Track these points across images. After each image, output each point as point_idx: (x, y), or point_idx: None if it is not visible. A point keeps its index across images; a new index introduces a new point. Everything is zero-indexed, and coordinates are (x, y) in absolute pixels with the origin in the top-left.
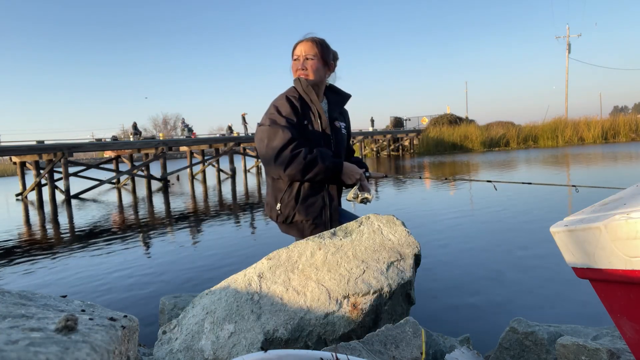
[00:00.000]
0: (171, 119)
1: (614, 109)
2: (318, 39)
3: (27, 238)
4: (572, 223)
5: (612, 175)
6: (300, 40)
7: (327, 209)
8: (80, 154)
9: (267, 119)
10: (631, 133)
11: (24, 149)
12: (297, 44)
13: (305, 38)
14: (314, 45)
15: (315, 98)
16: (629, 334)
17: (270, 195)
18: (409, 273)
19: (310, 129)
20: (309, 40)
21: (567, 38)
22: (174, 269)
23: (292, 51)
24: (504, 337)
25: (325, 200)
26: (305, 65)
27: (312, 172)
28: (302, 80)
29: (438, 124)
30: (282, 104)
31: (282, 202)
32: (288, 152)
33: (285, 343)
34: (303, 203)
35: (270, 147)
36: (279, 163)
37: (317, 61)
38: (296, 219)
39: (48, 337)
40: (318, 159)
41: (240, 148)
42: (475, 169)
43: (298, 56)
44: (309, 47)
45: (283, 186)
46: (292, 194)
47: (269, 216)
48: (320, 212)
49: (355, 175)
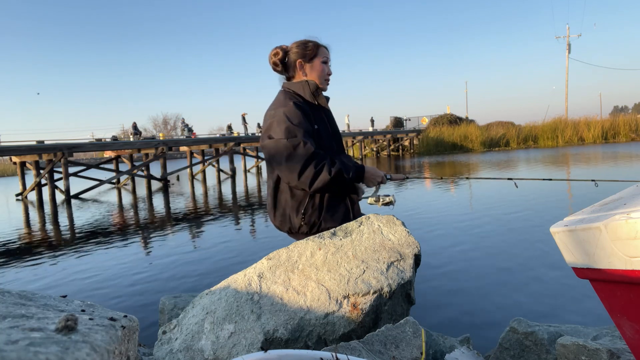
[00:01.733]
0: (171, 119)
1: (614, 109)
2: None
3: (27, 238)
4: (572, 223)
5: (628, 171)
6: (324, 45)
7: (350, 213)
8: (80, 154)
9: (280, 131)
10: (631, 133)
11: (24, 149)
12: (324, 46)
13: (326, 45)
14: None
15: (324, 101)
16: (629, 334)
17: (287, 207)
18: (409, 273)
19: (322, 132)
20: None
21: (567, 38)
22: (174, 269)
23: (318, 50)
24: (504, 337)
25: (348, 204)
26: (329, 70)
27: (338, 185)
28: (310, 83)
29: (438, 124)
30: (292, 111)
31: (307, 213)
32: (312, 167)
33: (285, 343)
34: (328, 211)
35: (292, 163)
36: (303, 179)
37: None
38: (323, 227)
39: (48, 337)
40: (343, 173)
41: (240, 148)
42: (475, 169)
43: (328, 59)
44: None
45: (304, 196)
46: (316, 203)
47: (281, 229)
48: (345, 216)
49: (377, 179)
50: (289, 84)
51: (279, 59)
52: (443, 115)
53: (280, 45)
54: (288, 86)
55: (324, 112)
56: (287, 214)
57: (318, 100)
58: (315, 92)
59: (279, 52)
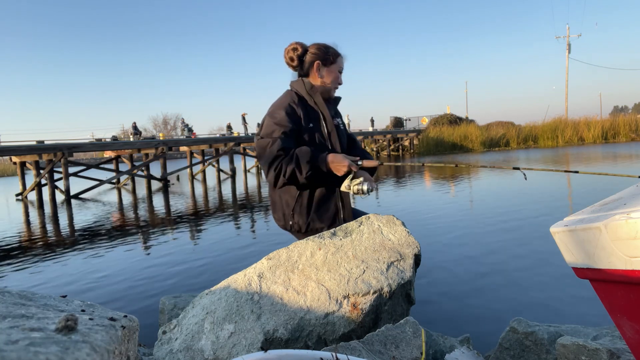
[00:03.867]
0: (171, 119)
1: (614, 109)
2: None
3: (27, 238)
4: (572, 223)
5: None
6: (342, 55)
7: (341, 213)
8: (80, 154)
9: (263, 129)
10: (631, 133)
11: (24, 149)
12: (342, 56)
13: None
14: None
15: (320, 100)
16: (629, 334)
17: (282, 206)
18: (409, 273)
19: (316, 131)
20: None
21: (567, 38)
22: (174, 269)
23: (337, 59)
24: (504, 337)
25: (338, 205)
26: (341, 80)
27: (299, 182)
28: (305, 81)
29: (438, 124)
30: (278, 110)
31: (295, 212)
32: (272, 169)
33: (285, 343)
34: (317, 211)
35: (262, 162)
36: (269, 179)
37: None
38: (312, 228)
39: (48, 337)
40: (296, 172)
41: (240, 148)
42: (475, 169)
43: (342, 69)
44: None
45: (293, 195)
46: (304, 204)
47: (283, 227)
48: (334, 217)
49: (342, 169)
50: (293, 83)
51: (297, 54)
52: (443, 115)
53: (298, 41)
54: (293, 85)
55: (320, 111)
56: (284, 213)
57: (315, 99)
58: (310, 90)
59: (298, 48)
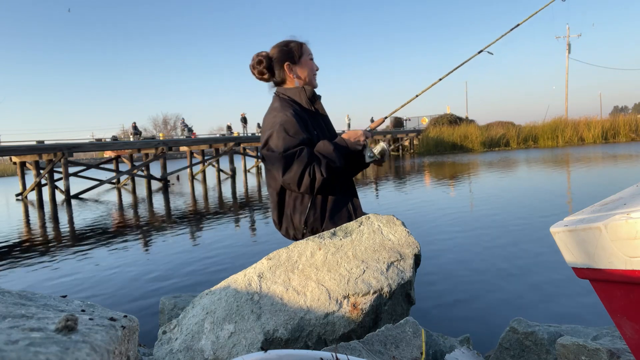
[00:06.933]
0: (171, 119)
1: (614, 109)
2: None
3: (27, 238)
4: (572, 223)
5: (629, 171)
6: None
7: (353, 218)
8: (80, 154)
9: (279, 143)
10: (631, 133)
11: (24, 149)
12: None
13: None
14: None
15: (321, 107)
16: (629, 334)
17: (291, 216)
18: (409, 273)
19: (321, 138)
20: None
21: (567, 38)
22: (174, 269)
23: (302, 48)
24: (504, 337)
25: (350, 210)
26: (316, 66)
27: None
28: (307, 89)
29: (438, 124)
30: (290, 121)
31: (309, 220)
32: (307, 177)
33: (285, 343)
34: (331, 218)
35: (290, 174)
36: (303, 189)
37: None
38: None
39: (48, 337)
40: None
41: (240, 148)
42: (475, 169)
43: (311, 55)
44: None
45: (306, 205)
46: (318, 211)
47: (287, 236)
48: (348, 221)
49: (359, 136)
50: (284, 90)
51: (265, 66)
52: (443, 115)
53: (258, 52)
54: (283, 92)
55: (321, 117)
56: (292, 222)
57: (315, 106)
58: (312, 98)
59: (262, 60)
